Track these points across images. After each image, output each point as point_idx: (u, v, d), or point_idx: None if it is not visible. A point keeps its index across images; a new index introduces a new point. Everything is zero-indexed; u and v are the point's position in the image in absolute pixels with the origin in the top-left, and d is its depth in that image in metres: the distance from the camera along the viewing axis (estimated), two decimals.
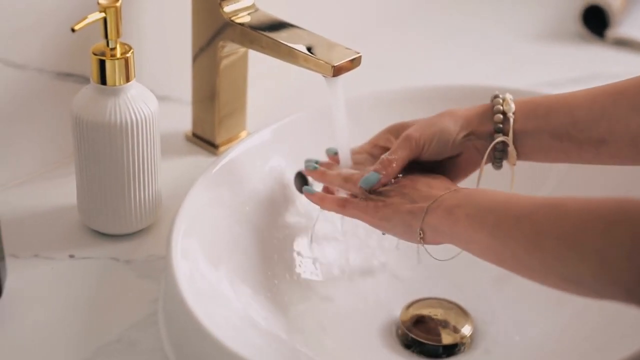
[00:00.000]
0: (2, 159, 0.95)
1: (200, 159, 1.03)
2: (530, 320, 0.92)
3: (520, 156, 0.87)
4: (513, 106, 0.86)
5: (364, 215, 0.84)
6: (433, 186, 0.82)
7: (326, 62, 0.88)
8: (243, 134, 1.06)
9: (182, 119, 1.08)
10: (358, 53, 0.90)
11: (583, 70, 1.27)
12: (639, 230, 0.63)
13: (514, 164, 0.87)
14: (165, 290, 0.82)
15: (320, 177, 0.90)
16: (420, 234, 0.79)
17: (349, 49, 0.90)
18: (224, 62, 1.00)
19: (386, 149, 0.90)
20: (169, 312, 0.80)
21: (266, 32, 0.93)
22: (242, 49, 1.01)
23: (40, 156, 0.98)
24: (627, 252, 0.63)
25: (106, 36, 0.83)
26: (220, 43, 0.98)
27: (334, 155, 0.92)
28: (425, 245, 0.81)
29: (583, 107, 0.83)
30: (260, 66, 1.07)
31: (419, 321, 0.90)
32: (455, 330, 0.90)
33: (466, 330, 0.90)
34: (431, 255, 0.83)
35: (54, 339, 0.80)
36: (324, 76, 0.89)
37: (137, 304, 0.83)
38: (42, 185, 0.97)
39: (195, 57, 1.02)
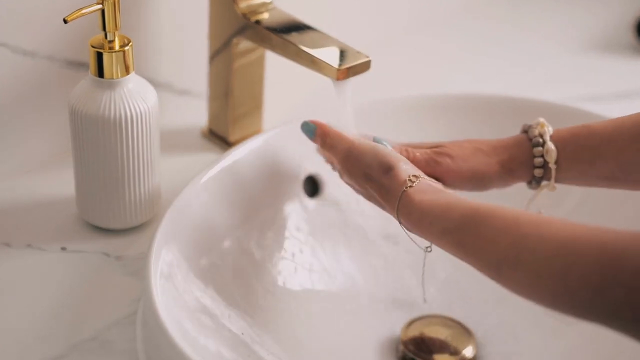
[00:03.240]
0: (11, 146, 0.95)
1: (212, 156, 1.01)
2: (536, 345, 0.88)
3: (559, 183, 0.82)
4: (554, 153, 0.80)
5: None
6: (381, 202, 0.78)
7: (331, 65, 0.85)
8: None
9: (201, 114, 1.06)
10: (367, 57, 0.86)
11: (630, 84, 1.21)
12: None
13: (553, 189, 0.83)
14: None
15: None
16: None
17: (360, 52, 0.87)
18: (240, 61, 0.98)
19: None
20: (145, 316, 0.78)
21: (277, 31, 0.91)
22: (260, 50, 0.99)
23: (50, 145, 0.98)
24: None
25: (104, 28, 0.82)
26: (234, 40, 0.96)
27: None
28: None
29: (631, 149, 0.77)
30: (287, 67, 1.05)
31: (420, 340, 0.87)
32: (456, 351, 0.86)
33: (468, 351, 0.87)
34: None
35: (30, 332, 0.78)
36: (331, 79, 0.86)
37: (120, 302, 0.82)
38: (48, 174, 0.96)
39: (212, 53, 1.00)
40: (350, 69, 0.85)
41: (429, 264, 0.89)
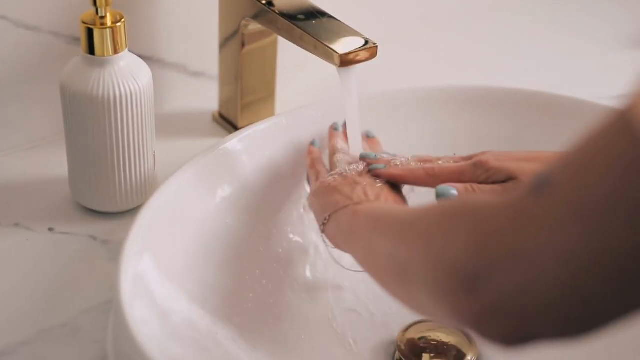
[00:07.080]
0: (11, 122, 0.93)
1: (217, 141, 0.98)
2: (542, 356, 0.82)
3: None
4: None
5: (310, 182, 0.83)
6: (380, 195, 0.75)
7: (334, 50, 0.80)
8: None
9: (215, 97, 1.02)
10: (375, 44, 0.82)
11: None
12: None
13: None
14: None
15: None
16: (324, 220, 0.75)
17: (367, 39, 0.82)
18: (251, 46, 0.95)
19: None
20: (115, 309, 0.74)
21: (285, 14, 0.86)
22: (273, 35, 0.95)
23: (53, 122, 0.95)
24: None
25: (94, 3, 0.78)
26: (243, 22, 0.92)
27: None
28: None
29: None
30: (303, 53, 1.01)
31: (417, 346, 0.82)
32: (457, 359, 0.82)
33: (468, 358, 0.81)
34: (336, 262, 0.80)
35: (0, 313, 0.76)
36: (335, 66, 0.82)
37: (99, 289, 0.79)
38: (49, 153, 0.94)
39: (223, 36, 0.97)
40: (352, 55, 0.80)
41: None
